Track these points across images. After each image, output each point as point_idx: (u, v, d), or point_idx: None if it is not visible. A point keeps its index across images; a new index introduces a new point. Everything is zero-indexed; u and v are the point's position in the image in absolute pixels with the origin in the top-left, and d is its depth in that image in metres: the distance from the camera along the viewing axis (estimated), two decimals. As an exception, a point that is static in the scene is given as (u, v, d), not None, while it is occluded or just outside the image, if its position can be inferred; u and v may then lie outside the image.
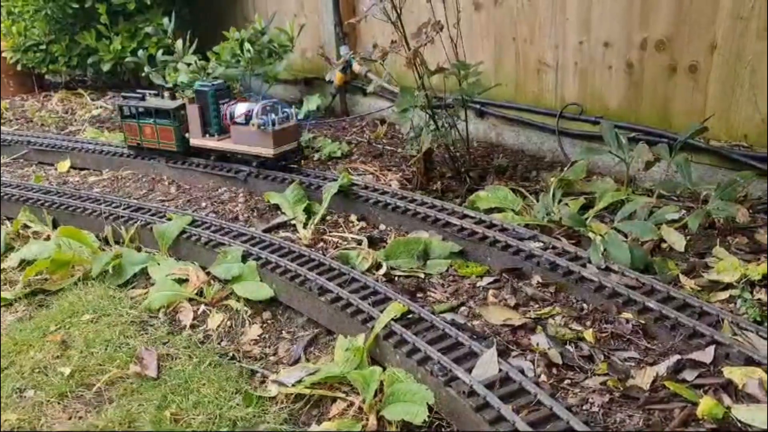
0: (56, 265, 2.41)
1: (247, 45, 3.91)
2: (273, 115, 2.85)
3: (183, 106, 3.14)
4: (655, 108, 2.77)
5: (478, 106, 3.40)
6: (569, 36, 3.00)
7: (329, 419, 1.67)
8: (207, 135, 3.10)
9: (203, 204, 2.95)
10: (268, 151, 2.87)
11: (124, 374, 1.88)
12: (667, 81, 2.70)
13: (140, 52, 4.28)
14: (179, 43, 4.01)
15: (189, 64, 3.93)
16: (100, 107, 4.77)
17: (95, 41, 4.79)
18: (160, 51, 4.19)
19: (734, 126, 2.53)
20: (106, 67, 4.83)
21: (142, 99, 3.29)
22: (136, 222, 2.62)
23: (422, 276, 2.17)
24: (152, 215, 2.67)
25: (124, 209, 2.74)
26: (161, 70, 4.14)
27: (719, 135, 2.57)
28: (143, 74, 4.29)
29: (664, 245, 2.18)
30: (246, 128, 2.90)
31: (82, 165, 3.60)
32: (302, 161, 3.15)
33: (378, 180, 3.02)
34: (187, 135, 3.17)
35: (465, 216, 2.40)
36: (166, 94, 3.28)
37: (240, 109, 2.93)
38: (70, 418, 1.74)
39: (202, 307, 2.20)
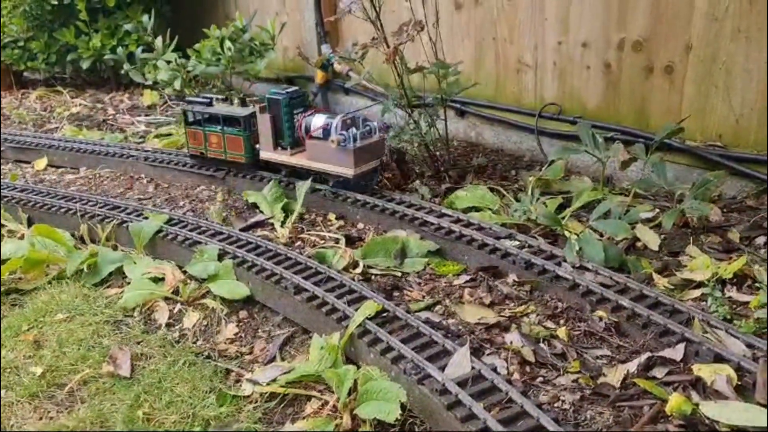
0: (30, 264, 2.38)
1: (228, 43, 3.90)
2: (354, 130, 2.54)
3: (254, 114, 2.84)
4: (632, 108, 2.79)
5: (458, 106, 3.41)
6: (548, 36, 3.02)
7: (304, 418, 1.67)
8: (279, 148, 2.79)
9: (181, 203, 2.93)
10: (347, 171, 2.54)
11: (96, 374, 1.87)
12: (643, 81, 2.72)
13: (119, 50, 4.25)
14: (159, 40, 3.99)
15: (169, 62, 3.90)
16: (80, 105, 4.72)
17: (74, 38, 4.74)
18: (140, 48, 4.15)
19: (709, 126, 2.56)
20: (85, 65, 4.79)
21: (209, 104, 2.99)
22: (112, 220, 2.60)
23: (399, 275, 2.18)
24: (129, 214, 2.65)
25: (100, 207, 2.72)
26: (141, 67, 4.11)
27: (695, 135, 2.60)
28: (122, 72, 4.25)
29: (638, 244, 2.20)
30: (323, 144, 2.58)
31: (59, 163, 3.57)
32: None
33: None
34: (257, 146, 2.88)
35: (443, 215, 2.41)
36: (236, 100, 3.01)
37: (317, 121, 2.64)
38: (41, 419, 1.72)
39: (178, 306, 2.19)
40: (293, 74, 4.52)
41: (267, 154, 2.82)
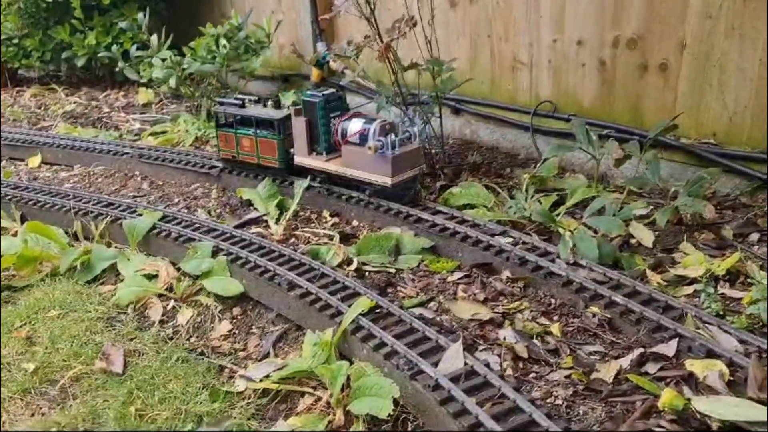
0: (23, 261, 2.38)
1: (223, 41, 3.89)
2: (393, 136, 2.39)
3: (289, 117, 2.69)
4: (627, 105, 2.80)
5: (453, 103, 3.41)
6: (543, 34, 3.02)
7: (297, 414, 1.67)
8: (314, 153, 2.65)
9: (176, 200, 2.92)
10: (385, 180, 2.40)
11: (89, 370, 1.86)
12: (638, 79, 2.72)
13: (114, 47, 4.23)
14: (154, 38, 3.98)
15: (164, 60, 3.89)
16: (74, 102, 4.71)
17: (69, 36, 4.73)
18: (135, 46, 4.14)
19: (703, 123, 2.56)
20: (80, 62, 4.77)
21: (242, 106, 2.85)
22: (106, 217, 2.59)
23: (393, 271, 2.17)
24: (123, 211, 2.64)
25: (94, 205, 2.71)
26: (136, 65, 4.10)
27: (689, 132, 2.60)
28: (117, 69, 4.24)
29: (632, 241, 2.20)
30: (360, 150, 2.43)
31: (53, 160, 3.55)
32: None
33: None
34: (291, 151, 2.74)
35: (437, 212, 2.41)
36: (269, 102, 2.87)
37: (354, 126, 2.49)
38: (33, 415, 1.72)
39: (172, 303, 2.19)
40: (289, 72, 4.51)
41: (301, 159, 2.68)
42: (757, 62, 2.34)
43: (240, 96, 2.94)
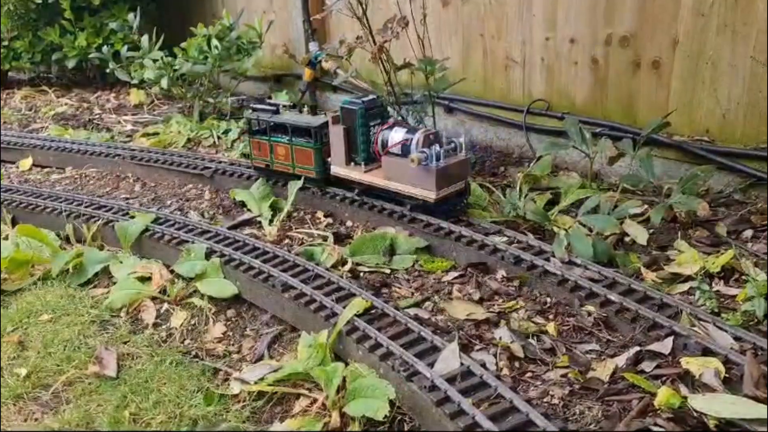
0: (15, 265, 2.35)
1: (214, 41, 3.88)
2: (437, 146, 2.24)
3: (326, 124, 2.55)
4: (620, 103, 2.80)
5: (446, 102, 3.40)
6: (536, 32, 3.02)
7: (292, 416, 1.65)
8: (352, 163, 2.50)
9: (168, 201, 2.90)
10: (428, 194, 2.24)
11: (82, 374, 1.84)
12: (631, 77, 2.72)
13: (105, 48, 4.21)
14: (145, 39, 3.95)
15: (155, 61, 3.87)
16: (65, 104, 4.68)
17: (59, 37, 4.70)
18: (126, 47, 4.12)
19: (696, 121, 2.57)
20: (70, 64, 4.75)
21: (276, 112, 2.73)
22: (98, 220, 2.57)
23: (388, 271, 2.17)
24: (115, 213, 2.63)
25: (86, 207, 2.69)
26: (127, 66, 4.07)
27: (682, 130, 2.61)
28: (108, 71, 4.22)
29: (627, 239, 2.20)
30: (402, 161, 2.28)
31: (44, 163, 3.53)
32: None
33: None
34: (328, 160, 2.60)
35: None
36: (305, 107, 2.77)
37: (396, 135, 2.33)
38: (25, 420, 1.70)
39: (165, 306, 2.17)
40: (282, 72, 4.50)
41: (338, 169, 2.53)
42: (748, 59, 2.34)
43: (274, 101, 2.83)
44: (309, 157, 2.62)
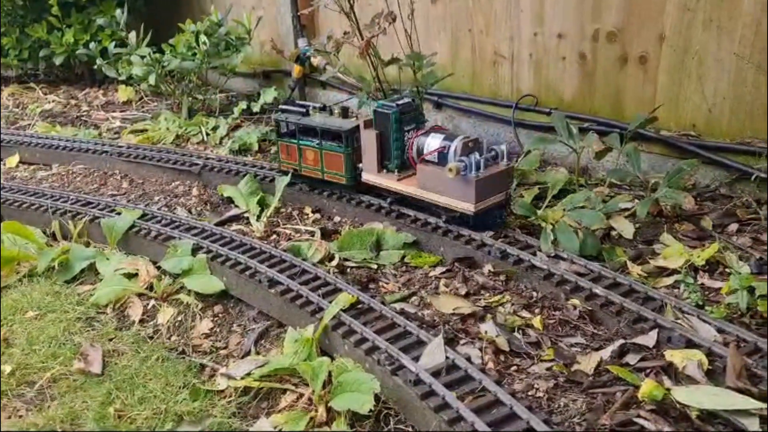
0: (0, 262, 2.34)
1: (203, 37, 3.86)
2: (476, 155, 2.09)
3: (357, 128, 2.43)
4: (607, 98, 2.80)
5: (435, 98, 3.40)
6: (524, 28, 3.02)
7: (278, 411, 1.65)
8: (384, 170, 2.36)
9: (156, 198, 2.89)
10: (467, 207, 2.09)
11: (67, 371, 1.84)
12: (618, 72, 2.73)
13: (92, 45, 4.18)
14: (132, 35, 3.93)
15: (143, 57, 3.85)
16: (53, 101, 4.65)
17: (47, 34, 4.67)
18: (113, 43, 4.09)
19: (683, 115, 2.58)
20: (58, 61, 4.71)
21: (306, 114, 2.59)
22: (84, 217, 2.56)
23: (375, 267, 2.16)
24: (102, 210, 2.61)
25: (72, 204, 2.68)
26: (114, 63, 4.05)
27: (669, 124, 2.61)
28: (96, 67, 4.19)
29: (613, 233, 2.21)
30: (438, 170, 2.13)
31: (31, 160, 3.51)
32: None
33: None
34: (359, 166, 2.46)
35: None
36: (336, 109, 2.60)
37: (432, 142, 2.19)
38: (9, 417, 1.69)
39: (152, 302, 2.16)
40: (270, 69, 4.48)
41: (370, 177, 2.39)
42: (733, 54, 2.35)
43: (304, 102, 2.70)
44: (339, 162, 2.49)
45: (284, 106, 2.68)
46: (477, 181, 2.05)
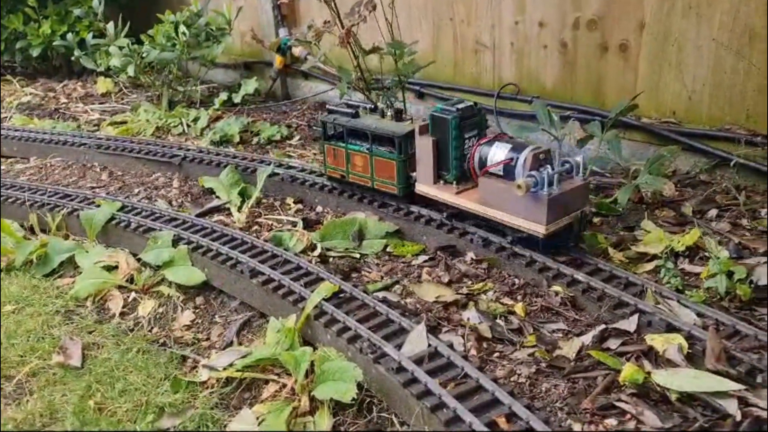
0: (-24, 256, 2.30)
1: (182, 28, 3.81)
2: (549, 168, 1.84)
3: (412, 134, 2.20)
4: (589, 86, 2.81)
5: (417, 88, 3.39)
6: (505, 16, 3.01)
7: (261, 402, 1.65)
8: (441, 182, 2.13)
9: (136, 190, 2.86)
10: (536, 228, 1.85)
11: (46, 365, 1.81)
12: (599, 60, 2.74)
13: (69, 36, 4.11)
14: (110, 26, 3.87)
15: (121, 48, 3.80)
16: (30, 94, 4.57)
17: (23, 25, 4.59)
18: (91, 34, 4.03)
19: (663, 103, 2.59)
20: (35, 52, 4.64)
21: (355, 115, 2.38)
22: (62, 209, 2.53)
23: (357, 256, 2.16)
24: (80, 202, 2.58)
25: (50, 197, 2.64)
26: (92, 54, 3.99)
27: (649, 112, 2.63)
28: (74, 59, 4.13)
29: (595, 220, 2.22)
30: (504, 185, 1.90)
31: (8, 153, 3.45)
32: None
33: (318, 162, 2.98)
34: (413, 175, 2.25)
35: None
36: (389, 111, 2.36)
37: (497, 153, 1.94)
38: (-13, 412, 1.67)
39: (133, 295, 2.14)
40: (251, 59, 4.44)
41: (424, 188, 2.16)
42: (713, 41, 2.37)
43: (353, 102, 2.49)
44: (391, 170, 2.26)
45: (332, 107, 2.48)
46: (549, 200, 1.81)
